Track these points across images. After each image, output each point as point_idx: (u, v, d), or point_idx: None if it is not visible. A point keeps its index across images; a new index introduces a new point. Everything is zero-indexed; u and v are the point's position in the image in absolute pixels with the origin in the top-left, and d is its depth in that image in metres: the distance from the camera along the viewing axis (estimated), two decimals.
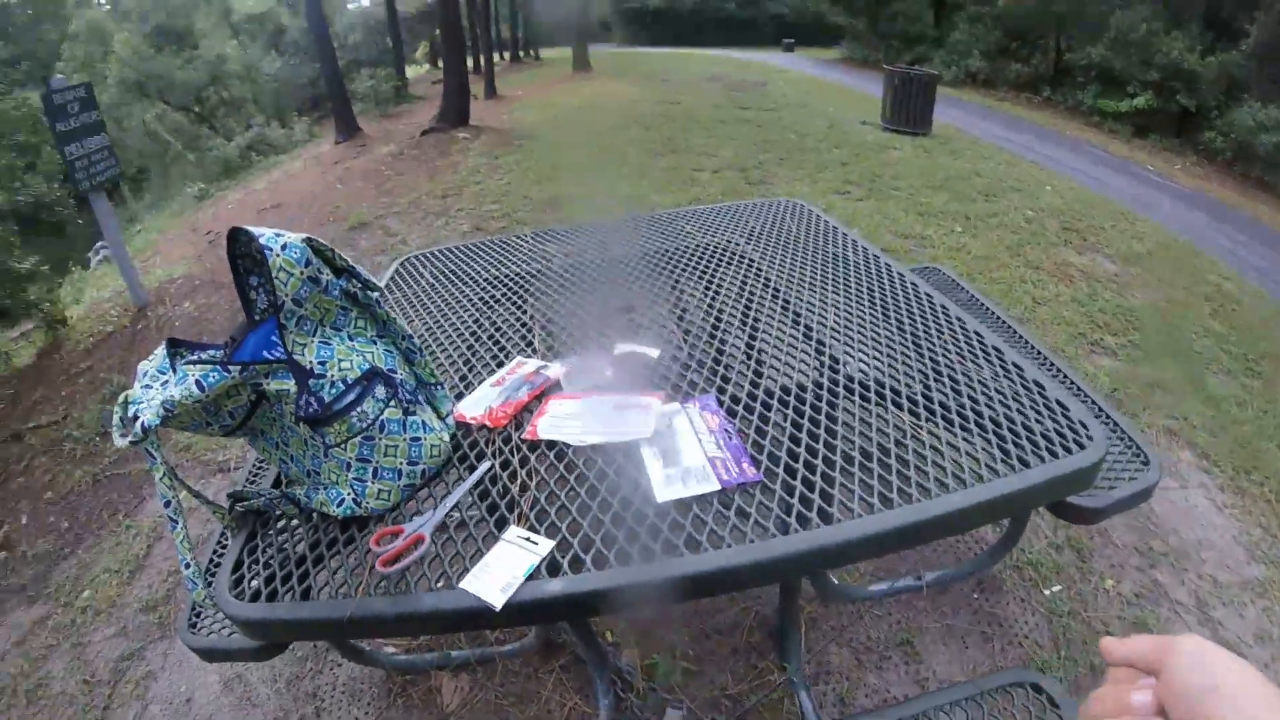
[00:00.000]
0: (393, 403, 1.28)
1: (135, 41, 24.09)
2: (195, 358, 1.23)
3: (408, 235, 7.12)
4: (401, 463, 1.29)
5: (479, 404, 1.54)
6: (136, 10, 27.06)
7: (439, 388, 1.43)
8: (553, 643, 2.22)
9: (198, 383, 1.12)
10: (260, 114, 21.69)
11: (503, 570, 1.09)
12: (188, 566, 1.20)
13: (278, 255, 1.16)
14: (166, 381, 1.18)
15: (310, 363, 1.20)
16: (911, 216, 6.66)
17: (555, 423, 1.42)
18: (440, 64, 19.46)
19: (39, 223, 8.47)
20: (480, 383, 1.65)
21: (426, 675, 2.27)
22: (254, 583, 1.23)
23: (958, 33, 22.29)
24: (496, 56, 26.89)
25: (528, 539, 1.14)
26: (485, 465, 1.34)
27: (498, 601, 1.05)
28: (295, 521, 1.35)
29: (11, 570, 4.21)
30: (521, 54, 33.86)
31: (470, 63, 19.38)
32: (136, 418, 1.12)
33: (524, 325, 1.95)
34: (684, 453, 1.29)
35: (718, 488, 1.20)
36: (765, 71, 21.72)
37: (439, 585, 1.12)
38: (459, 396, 1.60)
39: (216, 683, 2.81)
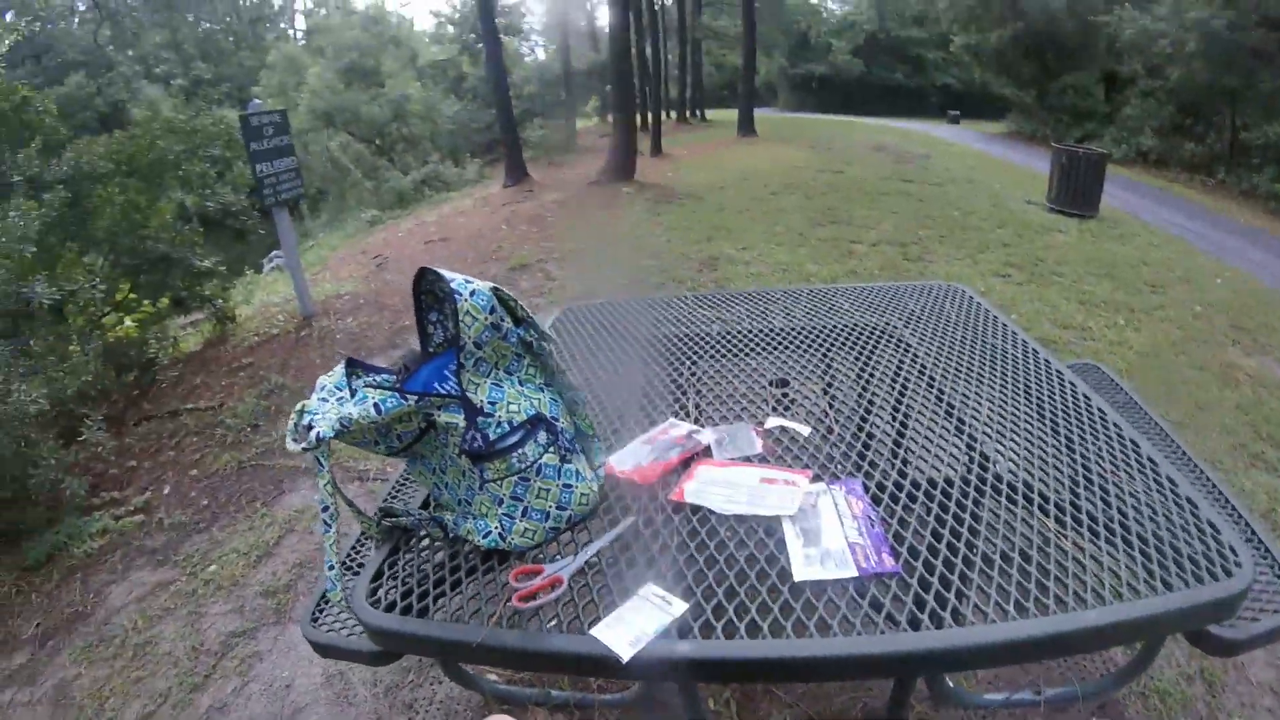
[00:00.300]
0: (552, 449, 1.34)
1: (327, 76, 25.74)
2: (371, 380, 1.32)
3: (566, 281, 7.30)
4: (551, 506, 1.34)
5: (629, 459, 1.58)
6: (331, 47, 28.95)
7: (595, 440, 1.48)
8: (653, 700, 2.22)
9: (376, 405, 1.20)
10: (436, 152, 22.72)
11: (634, 624, 1.12)
12: (331, 568, 1.28)
13: (466, 300, 1.24)
14: (343, 398, 1.27)
15: (481, 401, 1.28)
16: (1073, 305, 6.43)
17: (702, 488, 1.44)
18: (609, 119, 20.02)
19: (224, 227, 9.09)
20: (632, 439, 1.68)
21: (523, 709, 2.29)
22: (390, 594, 1.30)
23: (1129, 108, 21.30)
24: (664, 115, 27.41)
25: (663, 598, 1.16)
26: (629, 520, 1.38)
27: (625, 654, 1.07)
28: (438, 544, 1.42)
29: (146, 533, 4.46)
30: (689, 114, 34.40)
31: (638, 119, 19.85)
32: (311, 427, 1.21)
33: (679, 387, 1.98)
34: (825, 535, 1.30)
35: (855, 574, 1.20)
36: (930, 143, 21.42)
37: (569, 628, 1.15)
38: (610, 449, 1.63)
39: (319, 675, 2.89)
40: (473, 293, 1.25)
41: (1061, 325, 5.98)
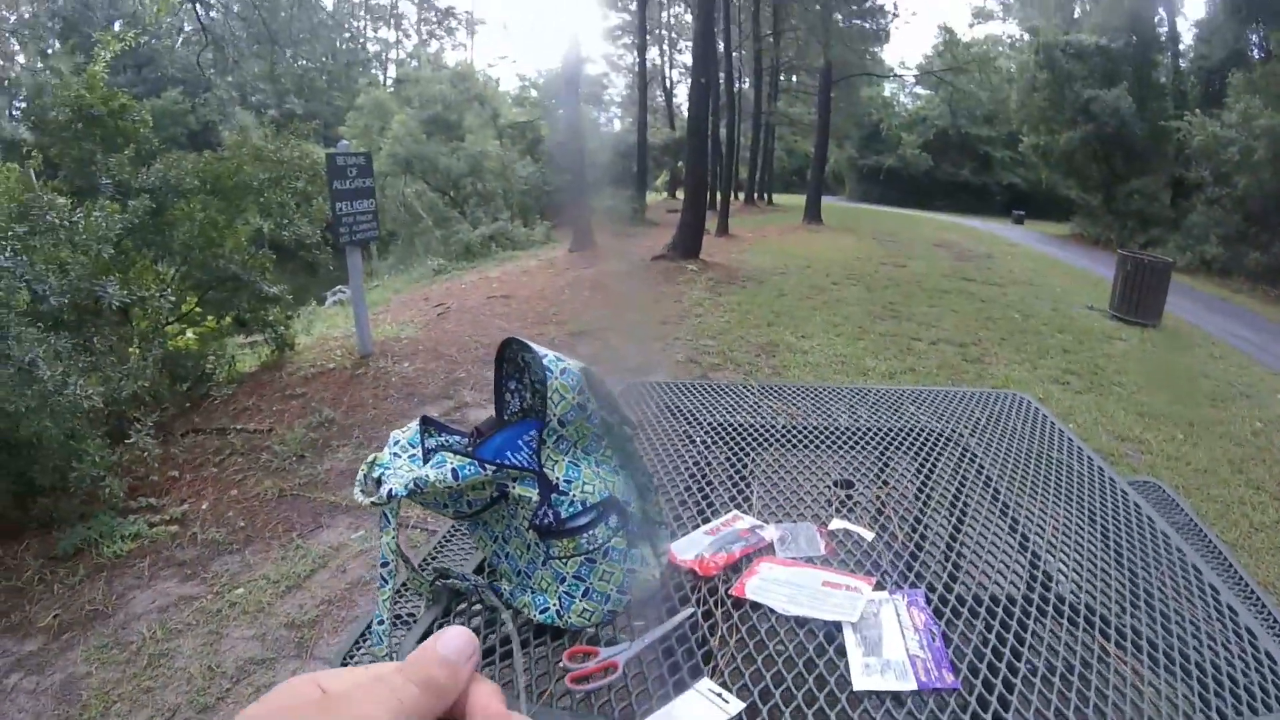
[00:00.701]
0: (621, 533, 1.34)
1: (411, 125, 26.50)
2: (445, 441, 1.33)
3: (625, 351, 7.37)
4: (613, 589, 1.33)
5: (691, 549, 1.57)
6: (418, 98, 29.88)
7: (662, 527, 1.47)
8: None
9: (454, 471, 1.21)
10: (507, 210, 23.17)
11: (688, 718, 1.10)
12: (381, 623, 1.27)
13: (556, 378, 1.25)
14: (415, 456, 1.28)
15: (557, 479, 1.28)
16: (1131, 417, 6.35)
17: (764, 586, 1.43)
18: (678, 195, 20.12)
19: (295, 257, 9.38)
20: (694, 527, 1.68)
21: None
22: None
23: (1195, 215, 21.27)
24: (732, 196, 27.72)
25: (719, 694, 1.15)
26: (688, 611, 1.37)
27: None
28: (491, 613, 1.41)
29: (178, 545, 4.51)
30: (757, 196, 34.76)
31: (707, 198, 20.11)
32: (381, 481, 1.21)
33: (742, 478, 1.97)
34: (886, 645, 1.28)
35: (914, 688, 1.17)
36: (993, 243, 21.46)
37: (621, 715, 1.14)
38: (672, 535, 1.63)
39: None
40: (563, 371, 1.27)
41: (1119, 437, 5.90)
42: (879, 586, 1.46)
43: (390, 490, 1.18)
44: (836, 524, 1.69)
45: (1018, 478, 2.03)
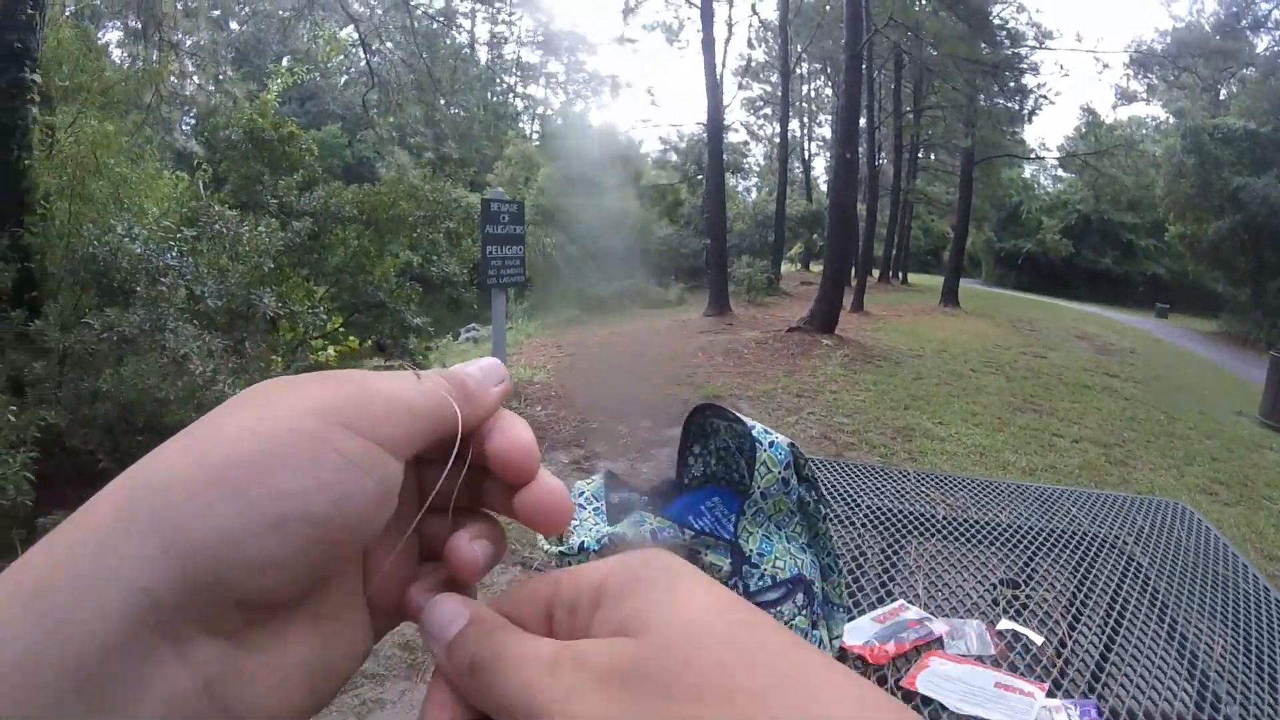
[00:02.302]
0: (805, 612, 1.34)
1: (555, 178, 27.26)
2: (626, 498, 1.36)
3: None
4: None
5: (860, 635, 1.57)
6: (563, 153, 30.77)
7: (840, 609, 1.47)
8: None
9: (653, 533, 1.23)
10: (642, 268, 23.49)
11: None
12: None
13: (765, 450, 1.27)
14: (599, 509, 1.31)
15: (750, 550, 1.29)
16: None
17: (935, 681, 1.43)
18: (811, 267, 19.99)
19: (439, 292, 9.77)
20: (860, 613, 1.68)
21: None
22: None
23: None
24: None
25: None
26: None
27: None
28: None
29: None
30: (891, 275, 34.36)
31: None
32: (571, 532, 1.24)
33: (906, 567, 1.97)
34: None
35: None
36: (1136, 337, 20.58)
37: None
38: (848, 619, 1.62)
39: None
40: (771, 444, 1.28)
41: (1269, 556, 5.57)
42: (1051, 693, 1.44)
43: (582, 543, 1.21)
44: (1005, 624, 1.68)
45: (1185, 593, 1.97)
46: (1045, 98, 29.39)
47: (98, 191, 6.28)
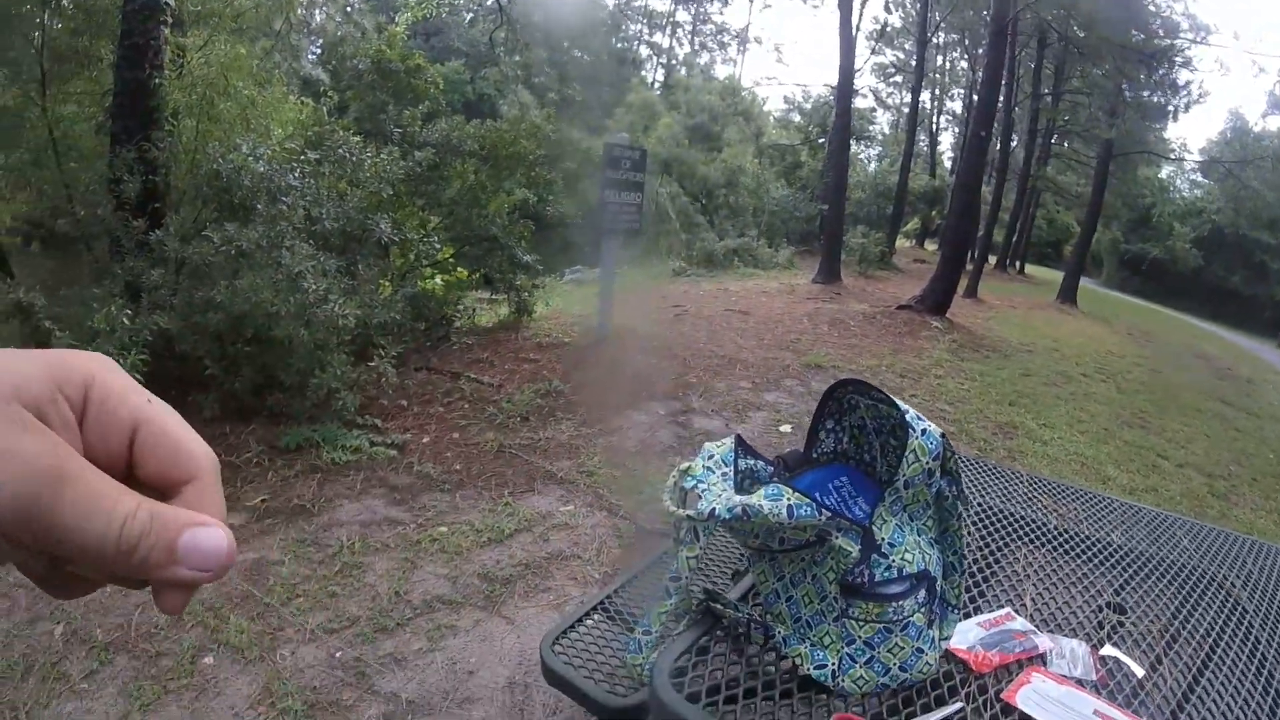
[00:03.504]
0: (924, 609, 1.27)
1: (676, 129, 27.06)
2: (753, 465, 1.29)
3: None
4: (895, 664, 1.29)
5: (964, 638, 1.53)
6: (684, 104, 30.52)
7: (954, 611, 1.39)
8: None
9: (790, 509, 1.16)
10: (754, 227, 23.25)
11: None
12: (648, 633, 1.25)
13: (916, 438, 1.20)
14: (727, 474, 1.25)
15: (882, 539, 1.23)
16: None
17: (1037, 698, 1.38)
18: (926, 244, 19.42)
19: (552, 232, 9.85)
20: (964, 615, 1.62)
21: None
22: (695, 684, 1.25)
23: None
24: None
25: None
26: (957, 705, 1.32)
27: None
28: (752, 649, 1.38)
29: (393, 469, 4.74)
30: (1009, 263, 33.29)
31: None
32: (699, 496, 1.20)
33: (1014, 574, 1.92)
34: None
35: None
36: (1256, 366, 19.52)
37: None
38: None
39: (503, 678, 2.91)
40: (924, 431, 1.23)
41: None
42: None
43: (714, 510, 1.16)
44: (1108, 650, 1.62)
45: None
46: (1199, 98, 27.82)
47: (225, 112, 6.51)
